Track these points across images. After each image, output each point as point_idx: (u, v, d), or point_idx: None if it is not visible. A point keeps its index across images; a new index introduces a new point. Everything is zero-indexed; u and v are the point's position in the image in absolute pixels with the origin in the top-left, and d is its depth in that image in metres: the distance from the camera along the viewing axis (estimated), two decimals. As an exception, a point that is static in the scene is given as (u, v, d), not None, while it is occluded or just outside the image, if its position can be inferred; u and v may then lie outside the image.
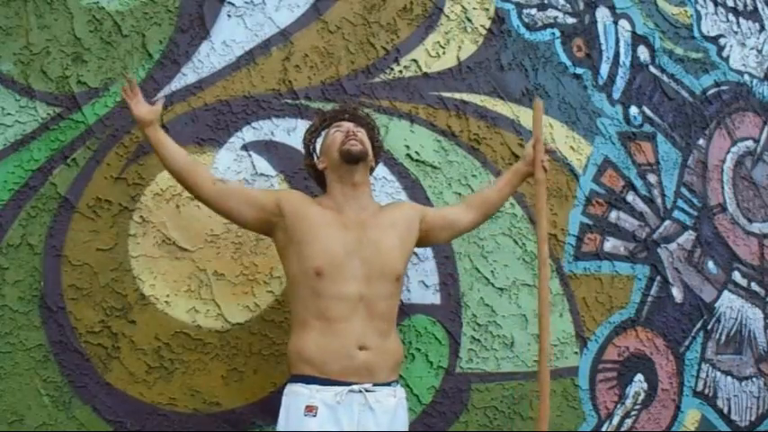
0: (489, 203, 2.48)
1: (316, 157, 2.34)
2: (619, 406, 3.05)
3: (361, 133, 2.28)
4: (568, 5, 3.11)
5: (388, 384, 2.16)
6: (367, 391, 2.09)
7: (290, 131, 2.60)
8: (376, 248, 2.18)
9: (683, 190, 3.27)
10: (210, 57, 2.52)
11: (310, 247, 2.13)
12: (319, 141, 2.36)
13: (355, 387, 2.08)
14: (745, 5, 3.57)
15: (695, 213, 3.29)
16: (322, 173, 2.31)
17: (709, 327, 3.27)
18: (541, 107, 2.50)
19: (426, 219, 2.36)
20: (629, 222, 3.14)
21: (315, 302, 2.12)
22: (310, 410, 2.04)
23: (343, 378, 2.08)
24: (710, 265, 3.31)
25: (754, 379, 3.37)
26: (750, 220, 3.44)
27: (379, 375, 2.13)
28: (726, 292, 3.33)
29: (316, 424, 2.02)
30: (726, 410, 3.30)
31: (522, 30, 3.01)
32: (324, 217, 2.18)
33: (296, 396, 2.09)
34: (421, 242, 2.38)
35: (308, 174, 2.41)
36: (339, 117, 2.35)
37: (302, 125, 2.56)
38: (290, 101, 2.62)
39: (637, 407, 3.09)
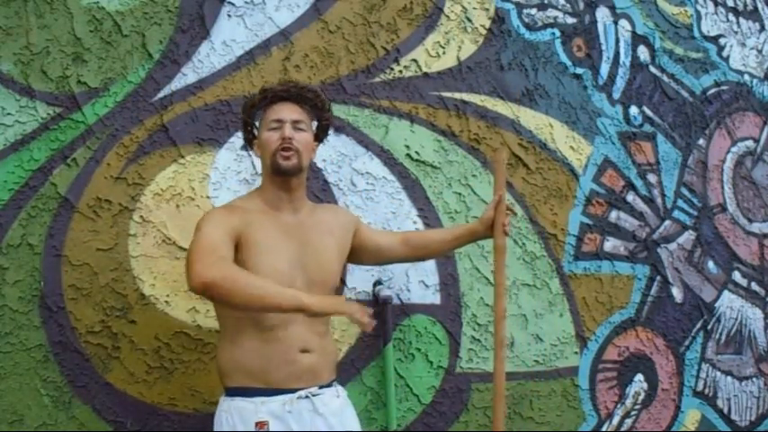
0: (427, 250, 2.38)
1: (254, 135, 2.19)
2: (619, 406, 3.06)
3: (302, 132, 2.09)
4: (568, 5, 3.11)
5: (330, 385, 2.09)
6: (313, 395, 2.01)
7: (290, 131, 2.60)
8: (316, 256, 2.09)
9: (683, 190, 3.27)
10: (210, 57, 2.52)
11: (255, 270, 1.97)
12: (259, 116, 2.19)
13: (302, 393, 1.99)
14: (745, 5, 3.57)
15: (695, 213, 3.29)
16: None
17: (709, 327, 3.27)
18: (504, 159, 2.29)
19: (358, 234, 2.27)
20: (629, 222, 3.14)
21: (251, 313, 1.97)
22: (261, 426, 1.92)
23: (286, 385, 1.98)
24: (710, 265, 3.31)
25: (754, 379, 3.37)
26: (750, 220, 3.44)
27: (322, 376, 2.07)
28: (726, 292, 3.33)
29: None
30: (726, 410, 3.30)
31: (522, 30, 3.01)
32: (265, 230, 2.04)
33: (240, 413, 1.96)
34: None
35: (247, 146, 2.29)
36: (282, 96, 2.13)
37: (302, 125, 2.56)
38: (290, 101, 2.62)
39: (637, 407, 3.09)
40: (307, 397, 2.00)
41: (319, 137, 2.23)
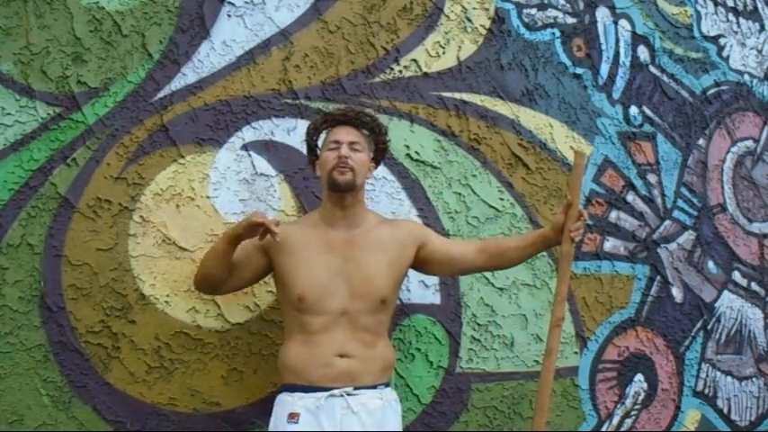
0: (505, 259, 2.35)
1: (317, 156, 2.33)
2: (619, 406, 3.06)
3: (357, 152, 2.24)
4: (568, 5, 3.11)
5: (374, 387, 2.18)
6: (348, 394, 2.12)
7: (290, 131, 2.60)
8: (360, 270, 2.20)
9: (683, 190, 3.27)
10: (210, 57, 2.52)
11: (293, 277, 2.19)
12: (322, 138, 2.35)
13: (336, 392, 2.12)
14: (745, 5, 3.57)
15: (695, 213, 3.29)
16: None
17: (709, 327, 3.27)
18: (584, 162, 2.15)
19: (427, 247, 2.32)
20: (629, 222, 3.14)
21: (298, 318, 2.19)
22: (293, 417, 2.11)
23: (323, 384, 2.13)
24: (710, 265, 3.31)
25: (754, 379, 3.37)
26: (750, 220, 3.44)
27: (363, 380, 2.17)
28: (726, 292, 3.33)
29: (298, 429, 2.09)
30: (726, 410, 3.30)
31: (522, 30, 3.01)
32: (307, 243, 2.21)
33: (281, 405, 2.17)
34: (417, 268, 2.36)
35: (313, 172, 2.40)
36: (341, 120, 2.31)
37: (302, 125, 2.56)
38: (290, 101, 2.62)
39: (637, 407, 3.09)
40: (342, 396, 2.12)
41: (377, 159, 2.37)
